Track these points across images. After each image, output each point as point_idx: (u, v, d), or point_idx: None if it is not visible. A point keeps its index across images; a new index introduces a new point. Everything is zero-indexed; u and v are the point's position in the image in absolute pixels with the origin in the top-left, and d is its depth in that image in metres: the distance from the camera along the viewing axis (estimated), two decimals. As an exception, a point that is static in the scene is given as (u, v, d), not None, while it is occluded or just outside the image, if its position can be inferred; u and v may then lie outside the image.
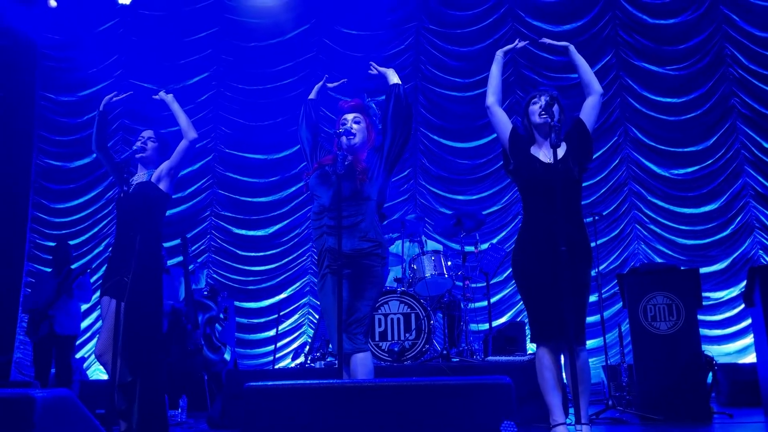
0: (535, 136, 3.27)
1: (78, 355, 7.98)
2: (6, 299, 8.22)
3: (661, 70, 8.31)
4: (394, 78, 3.33)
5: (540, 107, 3.15)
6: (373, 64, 3.37)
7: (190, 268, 6.29)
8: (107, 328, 3.55)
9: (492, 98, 3.33)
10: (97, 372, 8.27)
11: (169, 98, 3.87)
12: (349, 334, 3.02)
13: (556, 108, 3.11)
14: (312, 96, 3.62)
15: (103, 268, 8.33)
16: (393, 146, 3.23)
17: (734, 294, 7.60)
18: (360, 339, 3.04)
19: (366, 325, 3.09)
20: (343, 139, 3.22)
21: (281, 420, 1.72)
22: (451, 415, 1.66)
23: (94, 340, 8.41)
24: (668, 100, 8.24)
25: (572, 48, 3.36)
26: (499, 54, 3.39)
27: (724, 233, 7.86)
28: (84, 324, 8.33)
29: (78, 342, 7.99)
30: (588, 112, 3.27)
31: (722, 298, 7.67)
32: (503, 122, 3.31)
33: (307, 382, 1.76)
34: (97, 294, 8.21)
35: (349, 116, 3.32)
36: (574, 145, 3.19)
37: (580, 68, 3.32)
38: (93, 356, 8.39)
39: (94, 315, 8.48)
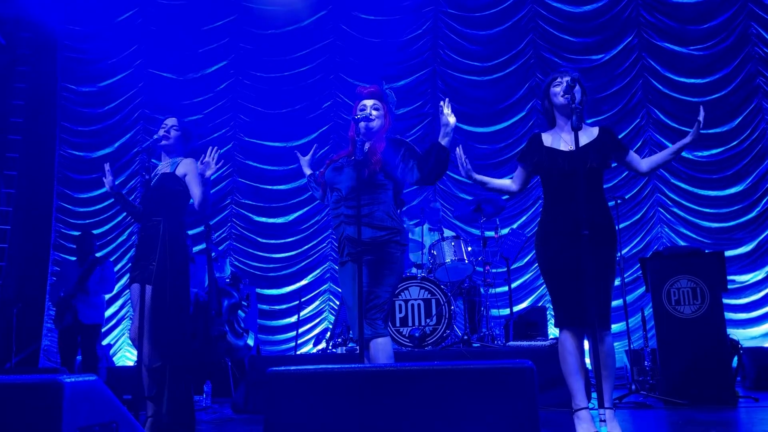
0: (556, 119, 3.22)
1: (104, 342, 8.13)
2: (33, 288, 8.38)
3: (685, 50, 8.16)
4: (444, 140, 3.10)
5: (562, 89, 3.11)
6: (445, 104, 3.13)
7: (212, 255, 6.35)
8: (139, 313, 3.60)
9: (513, 189, 3.33)
10: (124, 358, 8.42)
11: (208, 166, 3.62)
12: (369, 320, 3.04)
13: (577, 90, 3.05)
14: (308, 172, 3.60)
15: (128, 256, 8.45)
16: (421, 180, 3.17)
17: (760, 277, 7.50)
18: (379, 324, 3.07)
19: (385, 311, 3.11)
20: (362, 124, 3.23)
21: (303, 404, 1.74)
22: (473, 400, 1.66)
23: (120, 327, 8.57)
24: (692, 80, 8.10)
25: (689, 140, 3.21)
26: (472, 176, 3.29)
27: (750, 216, 7.74)
28: (109, 312, 8.47)
29: (103, 330, 8.14)
30: (630, 160, 3.21)
31: (748, 281, 7.57)
32: (527, 175, 3.29)
33: (329, 366, 1.77)
34: (123, 281, 8.40)
35: (368, 102, 3.32)
36: (605, 146, 3.13)
37: (670, 156, 3.23)
38: (119, 343, 8.55)
39: (119, 302, 8.62)
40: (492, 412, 1.64)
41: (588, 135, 3.15)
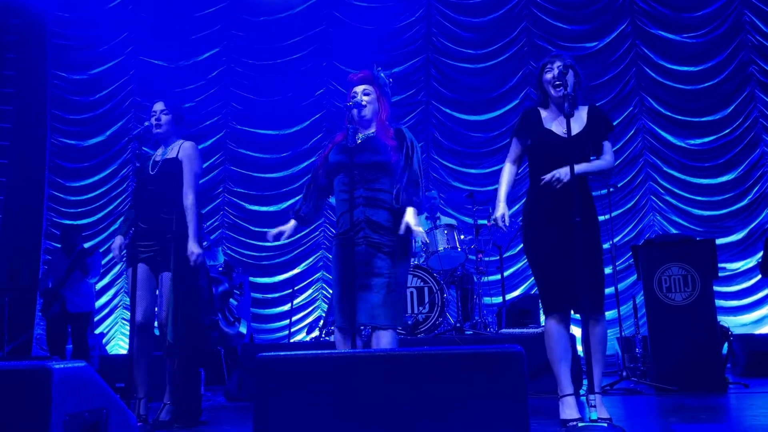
0: (549, 105, 3.17)
1: (97, 331, 8.11)
2: (25, 277, 8.34)
3: (678, 38, 8.15)
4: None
5: (553, 77, 3.07)
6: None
7: (204, 244, 6.33)
8: (163, 296, 3.55)
9: (515, 172, 3.28)
10: (117, 347, 8.41)
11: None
12: (394, 309, 3.03)
13: (570, 76, 3.01)
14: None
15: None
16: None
17: (751, 264, 7.53)
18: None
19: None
20: (354, 111, 3.16)
21: (293, 390, 1.74)
22: (462, 385, 1.66)
23: (114, 316, 8.55)
24: (685, 68, 8.10)
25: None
26: (501, 212, 3.21)
27: (741, 203, 7.77)
28: (102, 300, 8.45)
29: (97, 318, 8.10)
30: (604, 148, 3.13)
31: (739, 268, 7.61)
32: (521, 149, 3.22)
33: (318, 352, 1.77)
34: (116, 270, 8.35)
35: (359, 88, 3.22)
36: (597, 129, 3.10)
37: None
38: (112, 331, 8.53)
39: (112, 291, 8.60)
40: (481, 397, 1.65)
41: (579, 120, 3.10)
